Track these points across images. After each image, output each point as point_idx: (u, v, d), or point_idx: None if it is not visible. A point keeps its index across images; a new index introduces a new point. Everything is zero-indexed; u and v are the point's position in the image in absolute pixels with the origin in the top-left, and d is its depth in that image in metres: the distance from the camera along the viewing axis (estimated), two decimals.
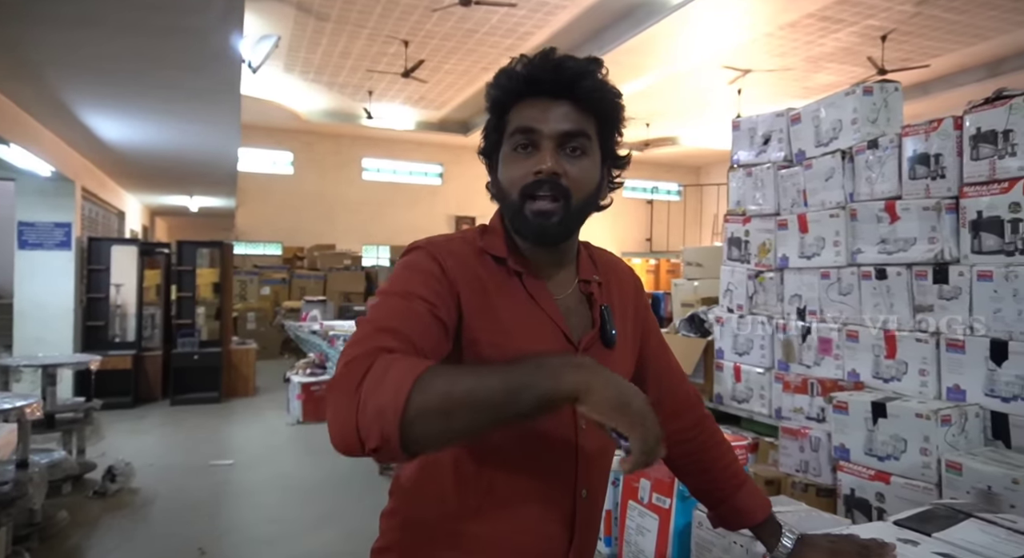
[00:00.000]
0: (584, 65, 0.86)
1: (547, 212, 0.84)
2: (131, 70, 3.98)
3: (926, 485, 1.59)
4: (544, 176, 0.83)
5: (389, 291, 0.81)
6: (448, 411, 0.65)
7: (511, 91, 0.87)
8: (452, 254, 0.86)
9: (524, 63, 0.86)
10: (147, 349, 7.25)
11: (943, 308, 1.81)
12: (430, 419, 0.65)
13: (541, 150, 0.84)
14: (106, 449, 4.87)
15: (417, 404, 0.64)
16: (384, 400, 0.64)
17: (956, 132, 1.79)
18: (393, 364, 0.67)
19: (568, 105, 0.85)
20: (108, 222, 9.08)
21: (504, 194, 0.88)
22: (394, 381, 0.65)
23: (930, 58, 9.13)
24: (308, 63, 10.03)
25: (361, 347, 0.71)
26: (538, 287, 0.90)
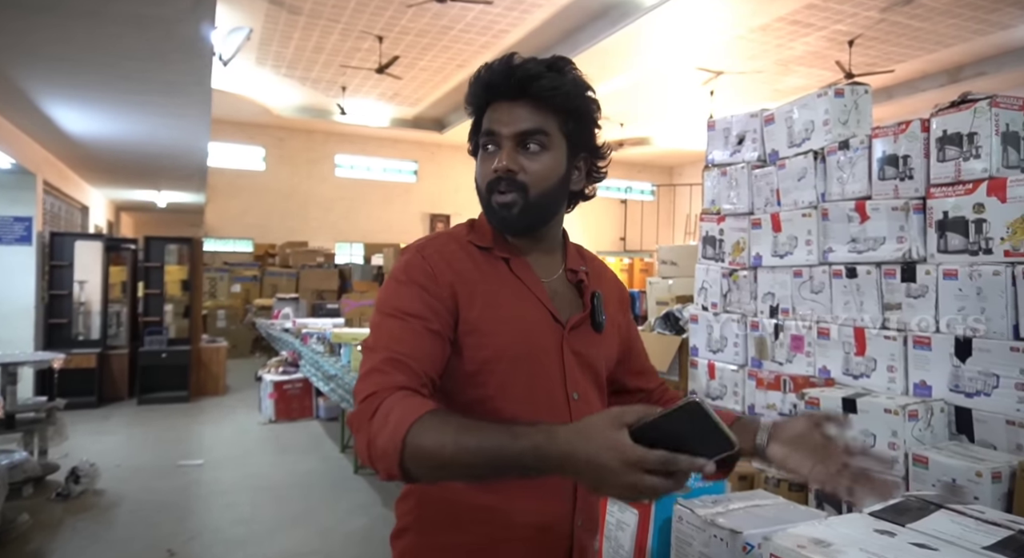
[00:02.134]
0: (539, 66, 0.92)
1: (507, 204, 0.93)
2: (95, 59, 3.85)
3: (893, 479, 1.63)
4: (500, 174, 0.92)
5: (386, 311, 0.90)
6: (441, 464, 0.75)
7: (479, 96, 0.96)
8: (442, 254, 0.95)
9: (486, 69, 0.95)
10: (113, 347, 7.08)
11: (911, 306, 1.85)
12: (426, 467, 0.76)
13: (502, 149, 0.93)
14: (69, 450, 4.73)
15: (413, 453, 0.75)
16: (385, 444, 0.76)
17: (923, 134, 1.84)
18: (395, 407, 0.78)
19: (526, 106, 0.93)
20: (71, 217, 8.83)
21: (478, 190, 0.98)
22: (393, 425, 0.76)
23: (894, 63, 9.37)
24: (280, 57, 9.88)
25: (373, 382, 0.82)
26: (524, 269, 0.98)
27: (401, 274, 0.93)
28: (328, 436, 5.47)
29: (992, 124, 1.68)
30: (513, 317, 0.94)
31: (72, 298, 6.83)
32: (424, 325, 0.88)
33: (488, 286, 0.95)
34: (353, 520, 3.58)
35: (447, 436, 0.74)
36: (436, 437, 0.74)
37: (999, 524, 0.79)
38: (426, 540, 0.94)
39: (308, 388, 6.10)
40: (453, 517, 0.92)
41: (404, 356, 0.85)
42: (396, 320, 0.88)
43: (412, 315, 0.88)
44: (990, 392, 1.65)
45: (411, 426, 0.74)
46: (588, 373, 0.99)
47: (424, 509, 0.95)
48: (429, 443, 0.74)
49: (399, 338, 0.87)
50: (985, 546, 0.73)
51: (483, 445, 0.72)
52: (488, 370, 0.92)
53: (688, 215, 14.15)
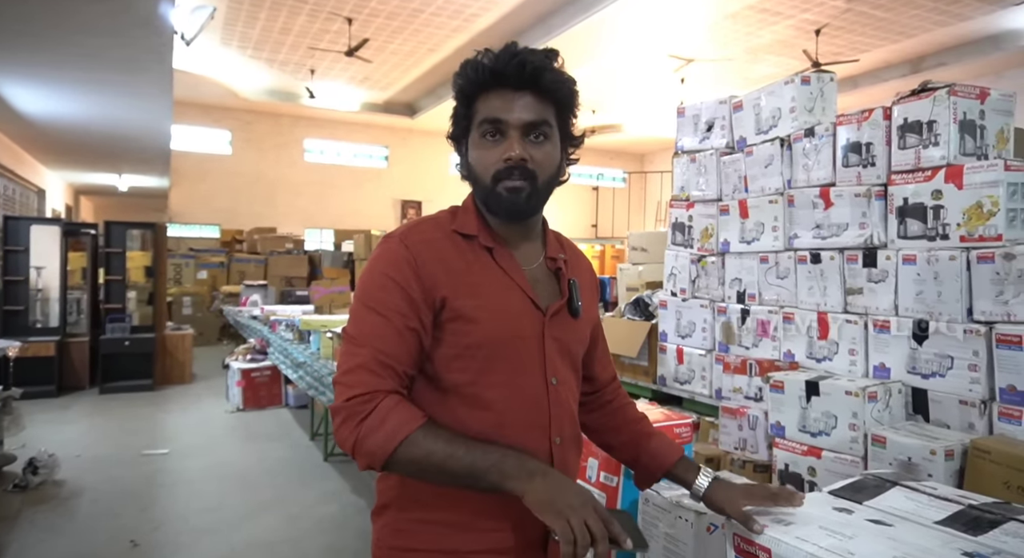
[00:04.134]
0: (543, 59, 0.96)
1: (518, 189, 0.96)
2: (49, 34, 3.68)
3: (853, 458, 1.67)
4: (513, 163, 0.95)
5: (369, 304, 0.94)
6: (423, 469, 0.88)
7: (477, 82, 0.96)
8: (426, 243, 0.96)
9: (489, 57, 0.95)
10: (72, 335, 6.88)
11: (872, 291, 1.89)
12: (407, 469, 0.89)
13: (508, 138, 0.95)
14: (27, 440, 4.60)
15: (400, 458, 0.87)
16: (375, 447, 0.87)
17: (885, 122, 1.87)
18: (389, 416, 0.87)
19: (530, 96, 0.95)
20: (26, 200, 8.53)
21: (476, 177, 0.99)
22: (386, 434, 0.86)
23: (860, 53, 9.53)
24: (246, 38, 9.63)
25: (362, 382, 0.89)
26: (507, 259, 1.01)
27: (384, 265, 0.95)
28: (297, 424, 5.42)
29: (950, 112, 1.72)
30: (496, 306, 0.96)
31: (28, 284, 6.61)
32: (405, 323, 0.92)
33: (472, 275, 0.97)
34: (323, 507, 3.55)
35: (435, 451, 0.86)
36: (424, 451, 0.86)
37: (950, 500, 0.81)
38: (407, 515, 0.97)
39: (277, 376, 6.03)
40: (434, 495, 0.95)
41: (391, 359, 0.91)
42: (379, 316, 0.92)
43: (395, 312, 0.92)
44: (945, 374, 1.70)
45: (405, 438, 0.86)
46: (566, 358, 1.03)
47: (406, 487, 0.98)
48: (418, 455, 0.87)
49: (384, 336, 0.91)
50: (937, 520, 0.75)
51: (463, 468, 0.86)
52: (470, 355, 0.95)
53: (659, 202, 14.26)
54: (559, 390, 1.00)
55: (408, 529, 0.97)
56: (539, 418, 0.98)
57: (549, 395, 0.99)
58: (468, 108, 0.99)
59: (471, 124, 0.99)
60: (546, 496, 0.82)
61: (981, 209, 1.62)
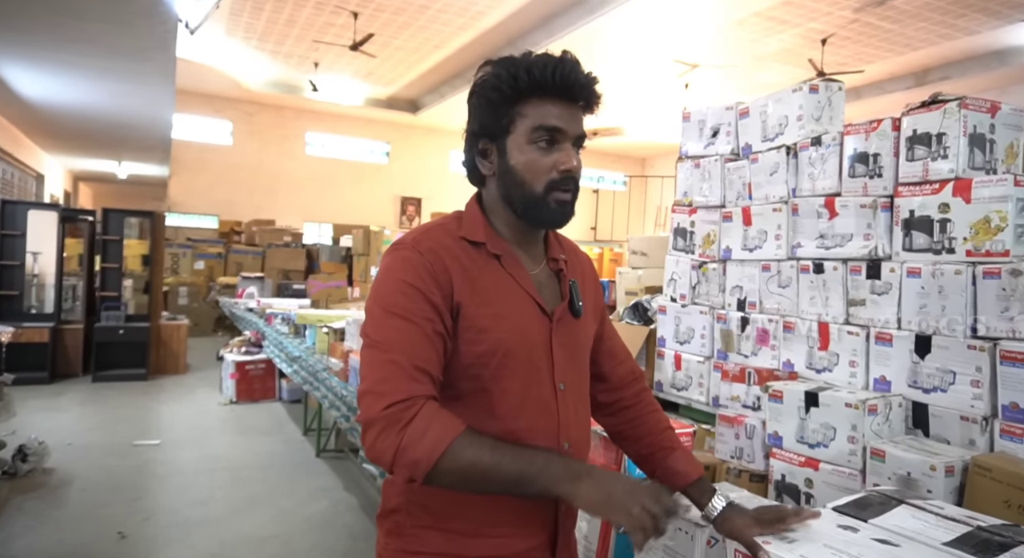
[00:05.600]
0: (597, 81, 0.99)
1: (567, 202, 0.99)
2: (52, 20, 3.66)
3: (851, 471, 1.66)
4: (573, 174, 0.98)
5: (394, 310, 0.92)
6: (467, 478, 0.86)
7: (537, 85, 0.95)
8: (438, 251, 0.96)
9: (555, 66, 0.95)
10: (67, 322, 6.85)
11: (874, 302, 1.88)
12: (451, 479, 0.86)
13: (563, 149, 0.97)
14: (18, 427, 4.57)
15: (445, 467, 0.83)
16: (420, 455, 0.83)
17: (894, 133, 1.86)
18: (433, 423, 0.84)
19: (581, 111, 0.99)
20: (25, 185, 8.49)
21: (521, 182, 0.98)
22: (432, 441, 0.83)
23: (864, 64, 9.52)
24: (251, 29, 9.60)
25: (400, 387, 0.86)
26: (515, 267, 1.02)
27: (402, 272, 0.94)
28: (291, 418, 5.39)
29: (960, 125, 1.70)
30: (507, 314, 0.98)
31: (24, 269, 6.58)
32: (432, 327, 0.91)
33: (483, 283, 0.98)
34: (314, 503, 3.53)
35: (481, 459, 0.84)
36: (470, 458, 0.84)
37: (958, 520, 0.79)
38: (414, 521, 0.97)
39: (271, 369, 6.00)
40: (443, 502, 0.96)
41: (425, 363, 0.89)
42: (407, 322, 0.91)
43: (421, 317, 0.91)
44: (946, 388, 1.68)
45: (451, 443, 0.84)
46: (574, 361, 1.05)
47: (413, 493, 0.98)
48: (463, 463, 0.84)
49: (414, 342, 0.90)
50: (945, 542, 0.74)
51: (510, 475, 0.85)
52: (483, 363, 0.95)
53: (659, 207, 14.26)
54: (566, 395, 1.01)
55: (416, 535, 0.97)
56: (548, 424, 0.99)
57: (558, 400, 1.00)
58: (511, 108, 0.97)
59: (512, 125, 0.97)
60: (599, 496, 0.83)
61: (989, 224, 1.61)
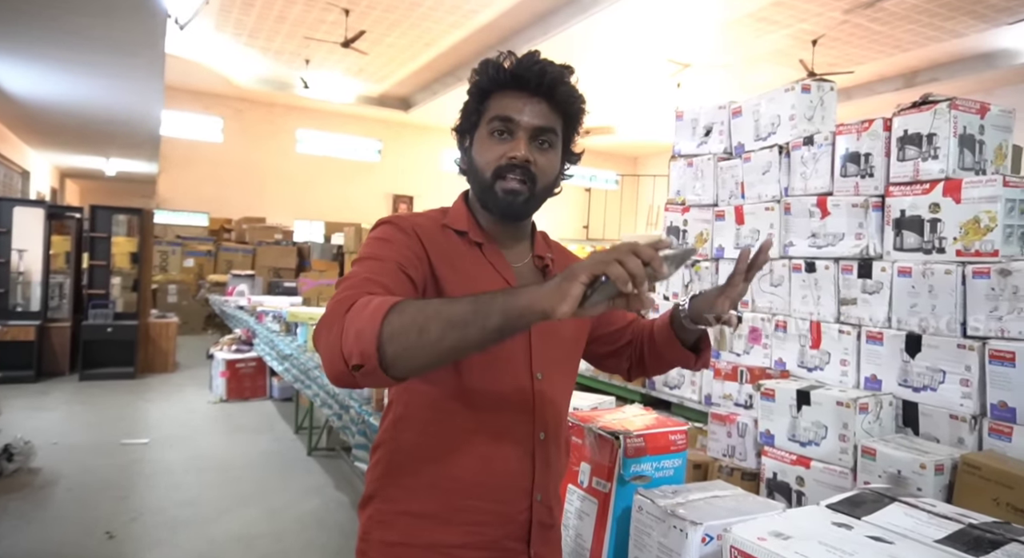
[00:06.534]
0: (562, 72, 0.99)
1: (515, 191, 0.97)
2: (37, 12, 3.61)
3: (842, 469, 1.67)
4: (517, 161, 0.96)
5: (362, 258, 0.92)
6: (420, 326, 0.71)
7: (496, 80, 0.98)
8: (419, 226, 0.98)
9: (512, 59, 0.98)
10: (54, 320, 6.77)
11: (865, 302, 1.89)
12: (404, 335, 0.71)
13: (516, 138, 0.97)
14: (3, 426, 4.52)
15: (392, 323, 0.71)
16: (363, 323, 0.73)
17: (885, 133, 1.87)
18: (373, 298, 0.76)
19: (544, 104, 0.98)
20: (10, 181, 8.40)
21: (476, 171, 1.00)
22: (373, 308, 0.74)
23: (855, 65, 9.59)
24: (241, 25, 9.53)
25: (342, 297, 0.80)
26: (496, 256, 1.03)
27: (378, 233, 0.96)
28: (281, 417, 5.37)
29: (951, 126, 1.72)
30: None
31: (9, 267, 6.50)
32: (399, 267, 0.90)
33: (461, 265, 0.98)
34: (305, 502, 3.52)
35: (427, 309, 0.73)
36: (415, 306, 0.74)
37: (950, 518, 0.80)
38: (389, 507, 0.98)
39: (262, 367, 5.96)
40: (414, 486, 0.96)
41: (379, 279, 0.85)
42: (372, 261, 0.90)
43: (388, 258, 0.90)
44: (936, 387, 1.70)
45: (390, 308, 0.73)
46: (558, 351, 1.04)
47: (388, 478, 0.99)
48: (409, 310, 0.72)
49: (375, 270, 0.88)
50: (937, 539, 0.74)
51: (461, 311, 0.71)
52: None
53: (651, 205, 14.29)
54: (543, 385, 1.00)
55: (390, 521, 0.97)
56: (522, 412, 0.99)
57: (534, 389, 0.99)
58: (480, 104, 1.01)
59: (480, 120, 1.01)
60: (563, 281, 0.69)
61: (978, 224, 1.62)
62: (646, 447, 1.06)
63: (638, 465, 1.05)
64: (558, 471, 1.05)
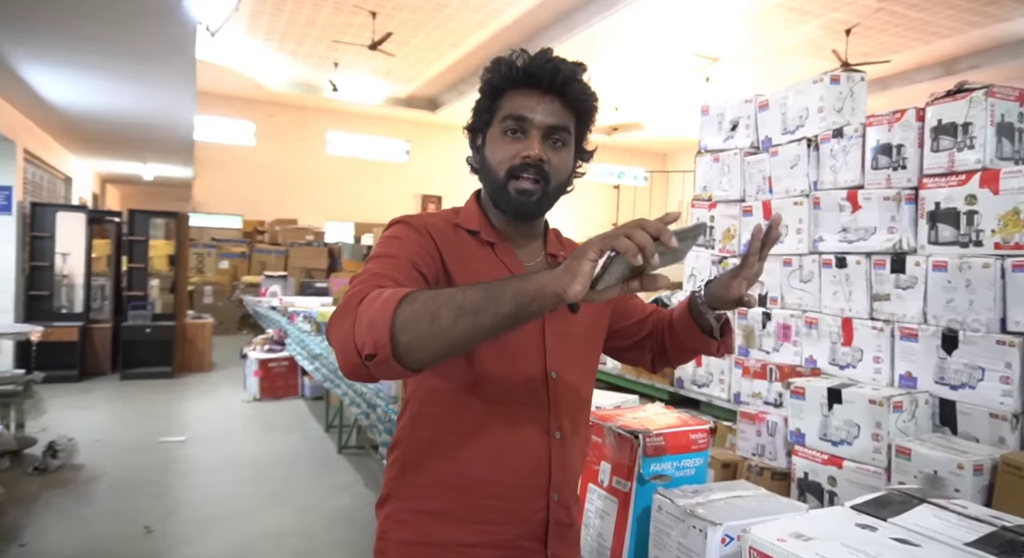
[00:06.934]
0: (575, 70, 0.98)
1: (529, 191, 0.97)
2: (73, 23, 3.72)
3: (876, 469, 1.63)
4: (531, 160, 0.96)
5: (375, 256, 0.92)
6: (432, 313, 0.70)
7: (508, 79, 0.98)
8: (431, 226, 0.98)
9: (524, 57, 0.97)
10: (95, 321, 6.99)
11: (899, 297, 1.84)
12: (417, 323, 0.70)
13: (529, 137, 0.96)
14: (48, 424, 4.68)
15: (405, 312, 0.71)
16: (375, 312, 0.72)
17: (918, 124, 1.81)
18: (385, 290, 0.76)
19: (557, 102, 0.97)
20: (54, 187, 8.67)
21: (489, 170, 1.00)
22: (385, 298, 0.73)
23: (891, 54, 9.32)
24: (271, 30, 9.69)
25: (357, 287, 0.81)
26: (508, 255, 1.02)
27: (391, 232, 0.97)
28: (312, 415, 5.45)
29: (987, 114, 1.66)
30: None
31: (54, 270, 6.72)
32: (412, 264, 0.90)
33: (473, 264, 0.98)
34: (335, 499, 3.56)
35: (437, 293, 0.73)
36: (426, 295, 0.73)
37: (982, 520, 0.77)
38: (405, 505, 0.98)
39: (294, 366, 6.06)
40: (431, 483, 0.96)
41: (392, 275, 0.86)
42: (384, 259, 0.90)
43: (400, 256, 0.91)
44: (975, 385, 1.64)
45: (402, 298, 0.72)
46: (573, 349, 1.03)
47: (405, 476, 0.99)
48: (420, 300, 0.72)
49: (387, 267, 0.88)
50: (967, 542, 0.71)
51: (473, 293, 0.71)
52: None
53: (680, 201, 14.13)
54: (558, 384, 1.00)
55: (406, 520, 0.98)
56: (537, 411, 0.98)
57: (548, 388, 0.98)
58: (493, 103, 1.00)
59: (492, 118, 1.00)
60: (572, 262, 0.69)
61: (1018, 215, 1.56)
62: (666, 446, 1.05)
63: (658, 464, 1.04)
64: (576, 470, 1.04)
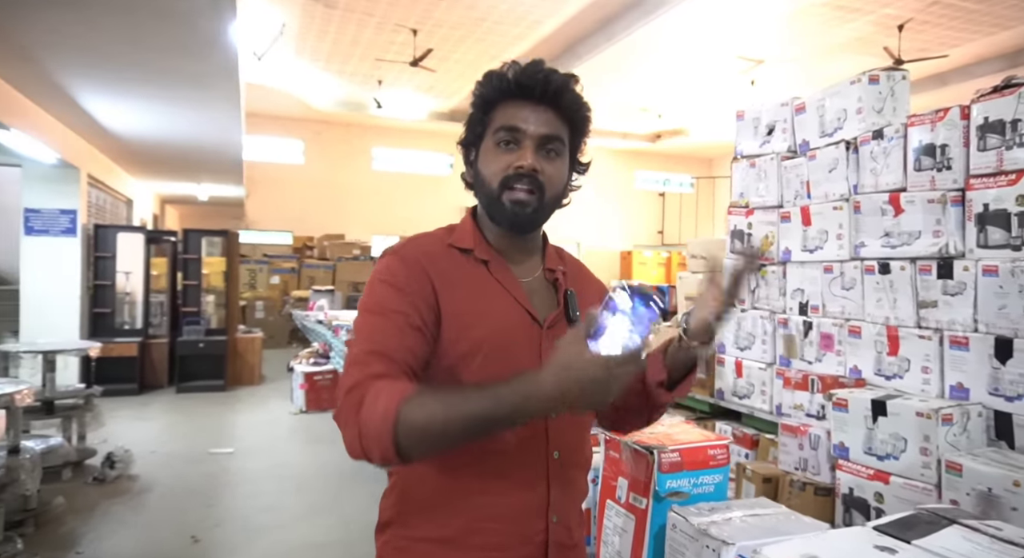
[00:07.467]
0: (567, 80, 0.97)
1: (523, 201, 0.95)
2: (124, 54, 3.93)
3: (925, 486, 1.54)
4: (525, 171, 0.95)
5: (367, 309, 0.93)
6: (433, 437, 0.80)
7: (500, 90, 0.98)
8: (423, 254, 0.97)
9: (515, 69, 0.97)
10: (153, 336, 7.28)
11: (947, 304, 1.74)
12: (418, 445, 0.80)
13: (523, 147, 0.95)
14: (109, 435, 4.89)
15: (404, 435, 0.78)
16: (377, 432, 0.79)
17: (963, 122, 1.72)
18: (379, 397, 0.80)
19: (550, 112, 0.97)
20: (116, 209, 9.11)
21: (483, 183, 0.99)
22: (380, 415, 0.79)
23: (948, 48, 8.93)
24: (317, 52, 9.99)
25: (354, 375, 0.85)
26: (503, 272, 1.00)
27: (382, 275, 0.96)
28: None
29: None
30: (490, 315, 0.96)
31: (115, 288, 7.05)
32: (405, 319, 0.90)
33: (466, 286, 0.97)
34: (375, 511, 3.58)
35: (436, 408, 0.79)
36: (426, 411, 0.79)
37: (1016, 543, 0.71)
38: (405, 532, 0.97)
39: (338, 379, 6.17)
40: (430, 511, 0.95)
41: (383, 347, 0.88)
42: (377, 316, 0.91)
43: (393, 311, 0.91)
44: None
45: (400, 405, 0.78)
46: None
47: (404, 504, 0.98)
48: (420, 417, 0.78)
49: (380, 331, 0.90)
50: None
51: (472, 411, 0.78)
52: (464, 364, 0.93)
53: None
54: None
55: (406, 547, 0.97)
56: (535, 432, 0.96)
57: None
58: (485, 115, 1.00)
59: (485, 131, 1.00)
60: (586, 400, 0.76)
61: None
62: (682, 462, 1.01)
63: (674, 481, 1.00)
64: (578, 491, 1.02)
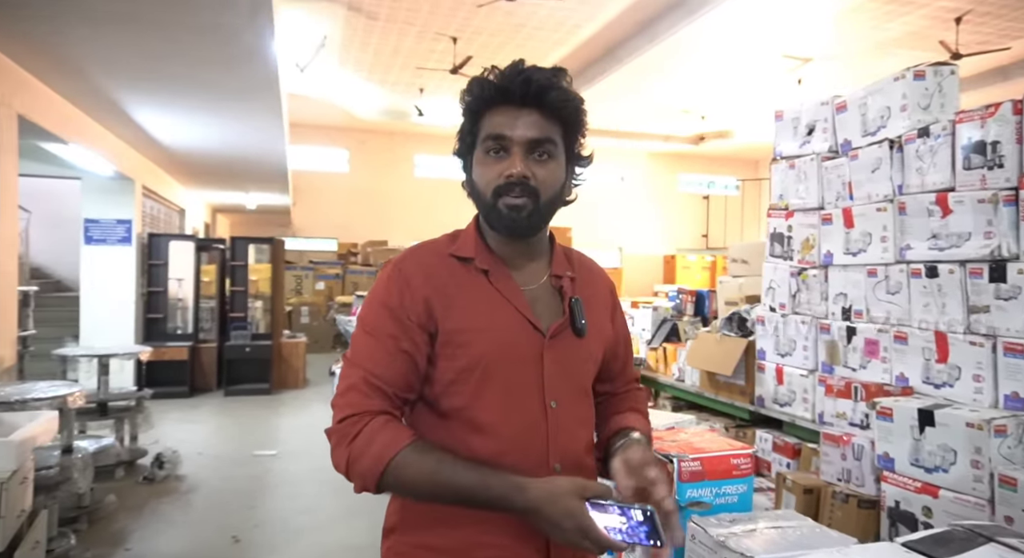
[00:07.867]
0: (550, 77, 0.95)
1: (518, 206, 0.94)
2: (171, 68, 4.09)
3: (977, 500, 1.46)
4: (515, 179, 0.93)
5: (364, 328, 0.96)
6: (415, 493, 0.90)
7: (483, 99, 0.96)
8: (420, 268, 0.97)
9: (495, 74, 0.96)
10: (203, 341, 7.52)
11: (1000, 309, 1.65)
12: (400, 491, 0.92)
13: (511, 155, 0.94)
14: (159, 437, 5.06)
15: (389, 480, 0.87)
16: (364, 470, 0.87)
17: (1016, 117, 1.63)
18: (376, 439, 0.87)
19: (536, 114, 0.94)
20: (170, 219, 9.47)
21: (478, 193, 0.98)
22: (373, 458, 0.87)
23: (1011, 40, 8.50)
24: (360, 62, 10.19)
25: (352, 401, 0.91)
26: (504, 281, 0.98)
27: (379, 292, 0.97)
28: None
29: None
30: (489, 327, 0.95)
31: (167, 294, 7.32)
32: (396, 344, 0.93)
33: (465, 298, 0.96)
34: None
35: (425, 470, 0.86)
36: (414, 470, 0.86)
37: None
38: (408, 539, 0.98)
39: None
40: (433, 519, 0.95)
41: (380, 380, 0.91)
42: (372, 338, 0.94)
43: (386, 334, 0.93)
44: None
45: (393, 458, 0.86)
46: (571, 380, 0.99)
47: (406, 511, 0.98)
48: (408, 475, 0.86)
49: (375, 358, 0.93)
50: None
51: (457, 486, 0.85)
52: (463, 380, 0.94)
53: None
54: (559, 414, 0.96)
55: (409, 553, 0.97)
56: (537, 443, 0.95)
57: (548, 419, 0.95)
58: (474, 125, 0.98)
59: (475, 140, 0.98)
60: (546, 531, 0.84)
61: None
62: (704, 471, 0.97)
63: (695, 490, 0.97)
64: None
